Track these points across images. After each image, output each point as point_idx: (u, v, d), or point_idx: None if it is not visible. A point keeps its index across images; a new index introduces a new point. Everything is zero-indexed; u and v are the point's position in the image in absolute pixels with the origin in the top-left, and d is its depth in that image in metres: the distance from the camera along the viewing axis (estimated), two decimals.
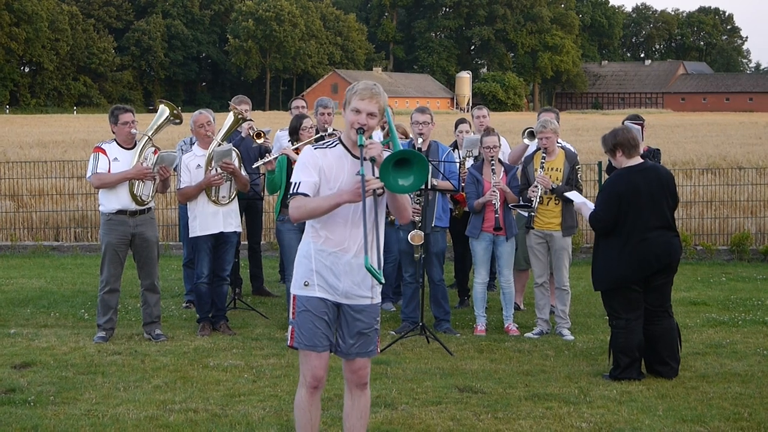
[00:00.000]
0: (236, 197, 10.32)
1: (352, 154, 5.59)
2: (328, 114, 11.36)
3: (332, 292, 5.67)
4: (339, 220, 5.59)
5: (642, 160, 8.61)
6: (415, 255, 10.14)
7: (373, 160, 5.38)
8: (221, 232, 10.16)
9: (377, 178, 5.35)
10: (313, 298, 5.67)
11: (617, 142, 8.56)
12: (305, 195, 5.56)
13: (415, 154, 5.29)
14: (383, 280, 5.41)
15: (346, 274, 5.63)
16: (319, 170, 5.61)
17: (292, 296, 5.78)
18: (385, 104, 5.67)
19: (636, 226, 8.39)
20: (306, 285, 5.69)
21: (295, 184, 5.61)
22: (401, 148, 5.45)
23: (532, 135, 10.87)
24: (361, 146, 5.44)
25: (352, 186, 5.47)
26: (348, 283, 5.65)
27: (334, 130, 11.17)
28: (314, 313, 5.66)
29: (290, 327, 5.78)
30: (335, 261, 5.62)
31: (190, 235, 10.33)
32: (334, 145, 5.71)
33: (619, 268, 8.43)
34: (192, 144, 11.08)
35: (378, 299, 5.80)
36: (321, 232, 5.65)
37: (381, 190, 5.51)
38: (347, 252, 5.62)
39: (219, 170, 10.01)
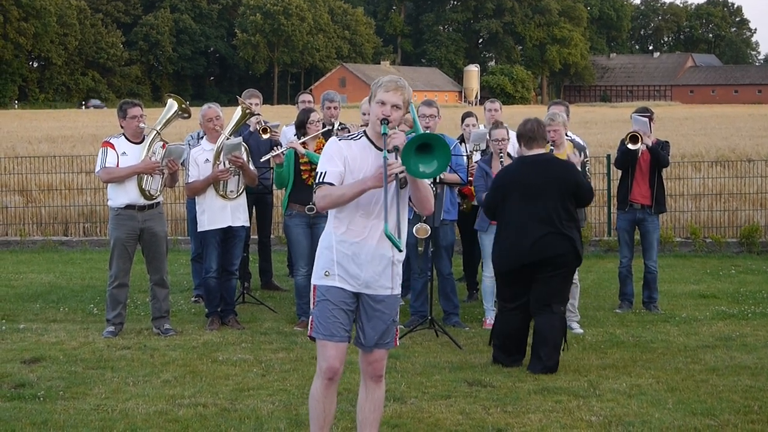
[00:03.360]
0: (245, 191, 10.33)
1: (376, 146, 5.66)
2: (335, 108, 11.35)
3: (353, 282, 5.71)
4: (361, 212, 5.65)
5: (542, 152, 8.64)
6: (419, 248, 10.14)
7: (396, 149, 5.44)
8: (229, 227, 10.17)
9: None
10: (333, 287, 5.71)
11: (518, 132, 8.77)
12: (331, 184, 5.62)
13: (438, 140, 5.35)
14: (402, 248, 5.49)
15: (369, 263, 5.68)
16: (344, 160, 5.68)
17: (312, 287, 5.81)
18: (410, 98, 5.75)
19: (513, 216, 8.48)
20: (326, 275, 5.73)
21: (321, 173, 5.68)
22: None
23: None
24: (385, 134, 5.51)
25: (375, 172, 5.52)
26: (370, 272, 5.69)
27: (341, 123, 11.17)
28: (333, 302, 5.70)
29: (310, 317, 5.82)
30: (357, 251, 5.67)
31: (198, 230, 10.34)
32: (359, 138, 5.78)
33: (500, 257, 8.65)
34: (200, 138, 11.09)
35: (398, 290, 5.84)
36: (343, 223, 5.71)
37: (404, 180, 5.57)
38: (368, 242, 5.68)
39: (227, 164, 10.02)
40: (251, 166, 10.28)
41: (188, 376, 8.27)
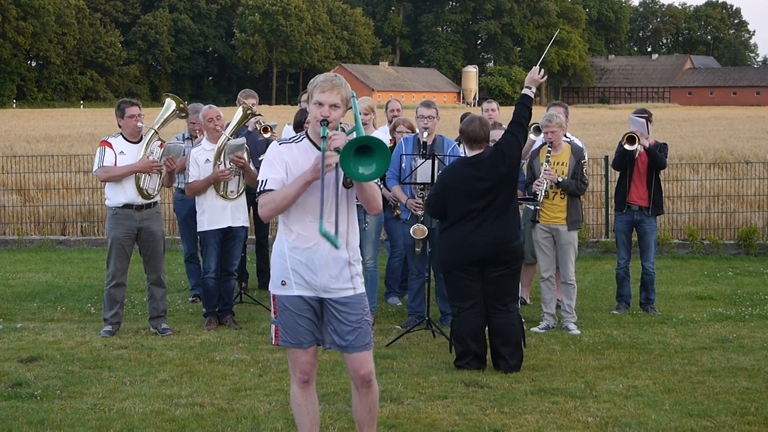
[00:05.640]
0: (244, 192, 10.33)
1: (318, 148, 5.53)
2: None
3: (311, 288, 5.64)
4: (309, 216, 5.56)
5: (481, 151, 8.62)
6: (416, 249, 10.15)
7: (338, 150, 5.33)
8: (229, 227, 10.17)
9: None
10: (291, 296, 5.66)
11: (460, 130, 8.84)
12: (272, 191, 5.57)
13: (378, 143, 5.26)
14: (339, 245, 5.40)
15: (323, 267, 5.59)
16: (285, 165, 5.60)
17: (271, 295, 5.76)
18: (349, 95, 5.64)
19: (459, 214, 8.51)
20: (283, 284, 5.67)
21: (262, 181, 5.61)
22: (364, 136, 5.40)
23: (538, 130, 10.87)
24: (324, 138, 5.42)
25: (314, 163, 5.45)
26: (325, 276, 5.62)
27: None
28: (295, 311, 5.66)
29: (273, 326, 5.77)
30: (310, 256, 5.59)
31: (198, 230, 10.33)
32: (300, 140, 5.70)
33: (443, 253, 8.67)
34: (186, 139, 11.16)
35: (361, 289, 5.74)
36: (293, 229, 5.64)
37: (349, 180, 5.50)
38: (321, 246, 5.57)
39: (228, 165, 10.02)
40: (251, 166, 10.29)
41: (185, 376, 8.26)
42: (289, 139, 5.74)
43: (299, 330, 5.66)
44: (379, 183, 5.76)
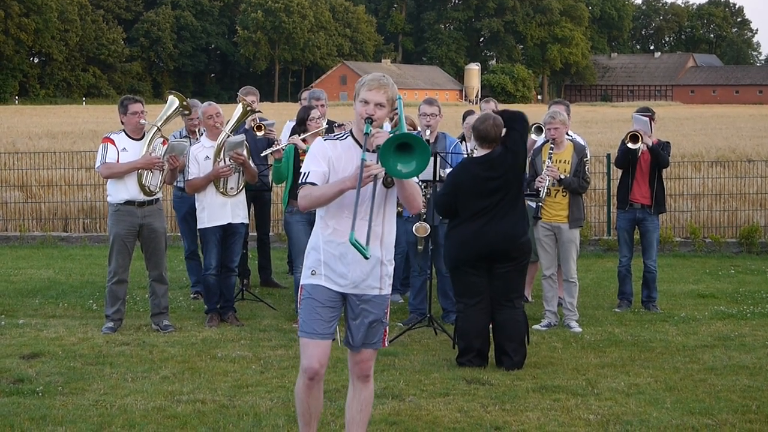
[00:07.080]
0: (244, 188, 10.33)
1: (362, 146, 5.57)
2: (321, 106, 11.41)
3: (340, 282, 5.67)
4: (345, 212, 5.58)
5: (491, 151, 8.66)
6: (419, 246, 10.16)
7: (380, 148, 5.37)
8: (229, 223, 10.16)
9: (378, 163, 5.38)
10: (318, 286, 5.68)
11: (473, 127, 8.90)
12: (314, 184, 5.59)
13: (418, 140, 5.29)
14: (369, 256, 5.40)
15: (355, 263, 5.61)
16: (329, 161, 5.64)
17: (300, 287, 5.80)
18: (395, 95, 5.68)
19: (470, 213, 8.55)
20: (312, 273, 5.70)
21: (305, 174, 5.65)
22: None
23: (539, 130, 10.87)
24: (367, 134, 5.47)
25: (354, 172, 5.48)
26: (357, 272, 5.65)
27: (329, 121, 11.23)
28: (318, 300, 5.67)
29: (299, 318, 5.80)
30: (344, 251, 5.61)
31: (198, 227, 10.33)
32: (345, 138, 5.74)
33: (451, 249, 8.70)
34: (183, 137, 11.16)
35: (387, 291, 5.78)
36: (329, 223, 5.67)
37: (389, 179, 5.54)
38: None
39: (228, 161, 10.02)
40: (251, 163, 10.29)
41: (187, 373, 8.27)
42: (334, 136, 5.80)
43: (316, 319, 5.67)
44: (419, 182, 5.76)
